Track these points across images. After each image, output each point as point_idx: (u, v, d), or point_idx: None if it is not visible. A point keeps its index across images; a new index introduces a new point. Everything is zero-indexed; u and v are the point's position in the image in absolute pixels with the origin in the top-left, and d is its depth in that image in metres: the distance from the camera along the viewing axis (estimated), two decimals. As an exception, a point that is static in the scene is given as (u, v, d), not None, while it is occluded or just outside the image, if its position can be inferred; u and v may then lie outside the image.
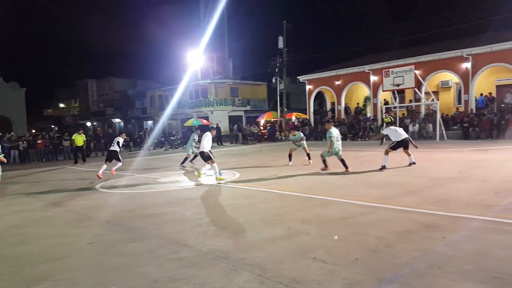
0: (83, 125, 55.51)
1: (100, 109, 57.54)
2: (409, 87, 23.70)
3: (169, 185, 10.12)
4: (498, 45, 21.92)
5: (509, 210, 5.57)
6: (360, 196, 7.16)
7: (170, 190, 9.28)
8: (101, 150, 26.60)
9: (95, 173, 12.63)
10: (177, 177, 11.53)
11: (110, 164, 12.70)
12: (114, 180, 11.75)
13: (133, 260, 4.37)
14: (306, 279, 3.57)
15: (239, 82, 43.01)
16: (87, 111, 59.14)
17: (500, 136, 19.99)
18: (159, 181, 10.92)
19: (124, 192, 9.40)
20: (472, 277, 3.39)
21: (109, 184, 10.95)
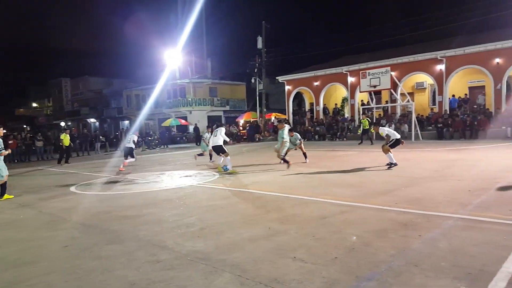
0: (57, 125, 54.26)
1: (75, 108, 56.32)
2: (385, 88, 24.19)
3: (146, 186, 9.97)
4: (471, 48, 22.60)
5: (482, 208, 5.73)
6: (338, 196, 7.23)
7: (148, 191, 9.15)
8: (76, 150, 25.98)
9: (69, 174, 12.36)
10: (155, 178, 11.39)
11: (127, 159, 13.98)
12: (90, 181, 11.51)
13: (109, 263, 4.28)
14: (286, 278, 3.58)
15: (218, 82, 42.86)
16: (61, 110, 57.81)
17: (473, 136, 20.62)
18: (136, 182, 10.76)
19: (100, 194, 9.22)
20: (448, 274, 3.47)
21: (84, 185, 10.72)
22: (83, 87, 55.74)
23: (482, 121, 20.80)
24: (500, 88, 21.83)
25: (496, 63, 21.73)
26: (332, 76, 29.84)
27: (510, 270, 3.44)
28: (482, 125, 20.71)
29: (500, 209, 5.58)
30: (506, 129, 19.57)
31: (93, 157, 23.27)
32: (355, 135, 25.70)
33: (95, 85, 54.76)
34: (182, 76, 41.52)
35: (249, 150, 20.75)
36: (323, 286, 3.40)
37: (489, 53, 21.91)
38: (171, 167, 14.32)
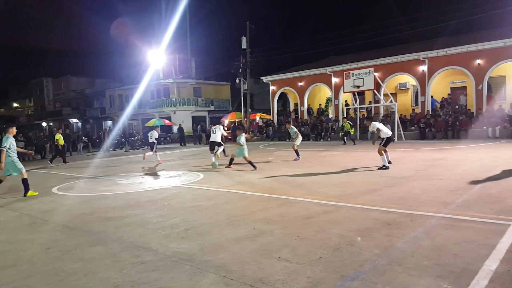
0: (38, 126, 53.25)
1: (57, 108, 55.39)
2: (369, 89, 24.43)
3: (130, 187, 9.85)
4: (452, 49, 23.02)
5: (464, 207, 5.83)
6: (322, 195, 7.27)
7: (131, 192, 9.04)
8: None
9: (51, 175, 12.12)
10: (139, 179, 11.26)
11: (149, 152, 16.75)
12: (72, 182, 11.32)
13: (92, 265, 4.21)
14: (271, 279, 3.57)
15: (202, 82, 42.69)
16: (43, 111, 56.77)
17: (455, 137, 21.01)
18: (120, 183, 10.61)
19: (82, 195, 9.06)
20: (431, 272, 3.51)
21: (66, 186, 10.53)
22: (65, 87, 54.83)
23: (464, 121, 21.21)
24: (481, 89, 22.30)
25: (477, 64, 22.19)
26: (317, 77, 30.02)
27: (491, 268, 3.50)
28: (463, 125, 21.11)
29: (482, 208, 5.68)
30: (487, 130, 19.98)
31: (75, 158, 22.89)
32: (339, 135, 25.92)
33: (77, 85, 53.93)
34: (165, 76, 41.22)
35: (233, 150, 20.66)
36: (308, 286, 3.40)
37: (471, 54, 22.35)
38: (154, 168, 14.19)
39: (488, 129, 19.96)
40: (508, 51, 21.08)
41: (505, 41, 21.03)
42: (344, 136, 22.07)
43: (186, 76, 41.90)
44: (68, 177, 12.63)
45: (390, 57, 25.73)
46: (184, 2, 36.84)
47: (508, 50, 21.06)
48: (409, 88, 27.43)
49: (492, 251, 3.92)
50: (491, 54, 21.71)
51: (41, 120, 56.17)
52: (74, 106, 53.38)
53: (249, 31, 33.11)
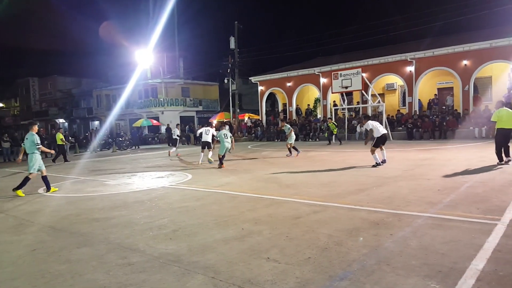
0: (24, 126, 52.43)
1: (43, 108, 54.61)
2: (357, 89, 24.60)
3: (117, 188, 9.74)
4: (439, 50, 23.28)
5: (451, 206, 5.89)
6: (310, 195, 7.28)
7: (118, 193, 8.94)
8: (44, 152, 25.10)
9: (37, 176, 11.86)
10: (126, 180, 11.14)
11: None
12: (59, 183, 11.15)
13: (79, 267, 4.14)
14: (260, 279, 3.56)
15: (190, 82, 42.48)
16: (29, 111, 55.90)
17: (442, 137, 21.26)
18: (107, 184, 10.50)
19: (69, 196, 8.93)
20: (418, 272, 3.53)
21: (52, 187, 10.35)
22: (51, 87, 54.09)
23: (451, 121, 21.47)
24: (467, 90, 22.60)
25: (464, 65, 22.48)
26: (305, 77, 30.11)
27: (478, 268, 3.54)
28: (450, 125, 21.38)
29: (468, 207, 5.74)
30: (473, 130, 20.25)
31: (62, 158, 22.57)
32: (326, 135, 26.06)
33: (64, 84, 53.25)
34: (153, 76, 40.94)
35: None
36: (296, 286, 3.39)
37: (457, 55, 22.63)
38: (142, 168, 14.07)
39: (474, 129, 20.23)
40: (494, 52, 21.40)
41: (491, 42, 21.34)
42: (330, 136, 22.21)
43: (174, 76, 41.66)
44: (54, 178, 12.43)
45: (377, 57, 25.92)
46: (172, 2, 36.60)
47: (494, 51, 21.38)
48: (397, 89, 27.68)
49: (479, 250, 3.96)
50: (478, 55, 22.01)
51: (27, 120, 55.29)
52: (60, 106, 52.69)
53: (237, 31, 33.08)
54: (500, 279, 3.30)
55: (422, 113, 23.96)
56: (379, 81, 26.90)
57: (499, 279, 3.30)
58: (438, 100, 25.02)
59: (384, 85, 27.91)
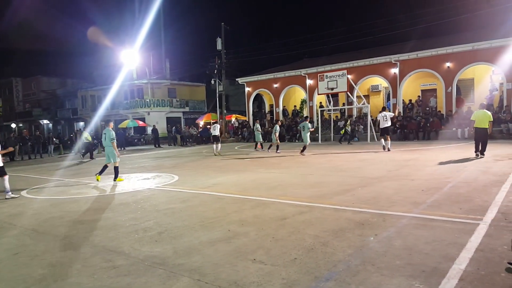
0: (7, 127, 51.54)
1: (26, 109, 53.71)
2: (342, 90, 24.81)
3: (102, 190, 9.63)
4: (423, 52, 23.63)
5: (434, 207, 5.97)
6: (296, 196, 7.31)
7: (103, 195, 8.84)
8: (28, 153, 24.69)
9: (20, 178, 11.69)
10: (111, 181, 11.01)
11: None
12: (42, 185, 10.97)
13: (62, 271, 4.08)
14: (246, 281, 3.55)
15: (176, 82, 42.25)
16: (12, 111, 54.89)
17: (425, 138, 21.57)
18: (91, 186, 10.36)
19: (52, 198, 8.79)
20: (402, 272, 3.57)
21: (36, 189, 10.19)
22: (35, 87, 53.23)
23: (434, 123, 21.80)
24: (450, 91, 22.97)
25: (447, 67, 22.85)
26: (291, 79, 30.23)
27: (461, 267, 3.59)
28: (434, 126, 21.70)
29: (451, 207, 5.83)
30: (456, 131, 20.59)
31: (46, 160, 22.22)
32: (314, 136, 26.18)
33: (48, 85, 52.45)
34: (139, 77, 40.60)
35: (209, 152, 20.58)
36: (282, 287, 3.40)
37: (440, 57, 22.99)
38: (128, 170, 13.93)
39: (457, 130, 20.56)
40: (476, 55, 21.80)
41: (473, 44, 21.74)
42: (346, 135, 22.65)
43: (160, 77, 41.39)
44: (38, 180, 12.24)
45: (363, 59, 26.18)
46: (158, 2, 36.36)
47: (476, 54, 21.78)
48: (381, 90, 27.99)
49: (462, 250, 4.03)
50: (460, 57, 22.40)
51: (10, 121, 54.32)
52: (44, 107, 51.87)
53: (224, 32, 33.03)
54: (482, 278, 3.36)
55: (407, 115, 24.26)
56: (364, 83, 27.16)
57: (481, 278, 3.36)
58: (421, 102, 25.39)
59: (369, 87, 28.20)
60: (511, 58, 20.30)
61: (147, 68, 40.43)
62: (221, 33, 33.00)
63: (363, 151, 16.29)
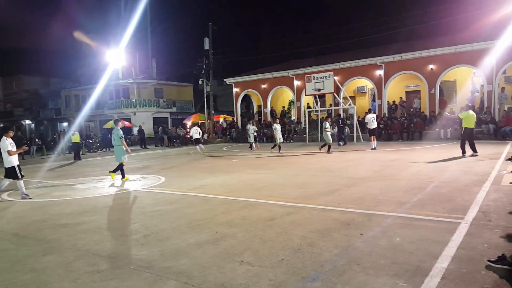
0: (-13, 127, 50.41)
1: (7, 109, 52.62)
2: (329, 92, 24.99)
3: (86, 192, 9.51)
4: (407, 54, 23.97)
5: (418, 206, 6.07)
6: (283, 197, 7.34)
7: (88, 197, 8.72)
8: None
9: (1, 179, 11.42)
10: (96, 183, 10.89)
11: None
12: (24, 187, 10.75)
13: (45, 276, 4.01)
14: (233, 283, 3.56)
15: (163, 82, 41.95)
16: (-8, 111, 53.70)
17: (409, 138, 21.88)
18: (75, 188, 10.23)
19: (34, 201, 8.64)
20: (387, 271, 3.63)
21: (17, 192, 10.00)
22: (16, 87, 52.22)
23: (418, 123, 22.12)
24: (433, 93, 23.34)
25: (430, 69, 23.21)
26: (279, 79, 30.31)
27: (444, 266, 3.66)
28: (418, 127, 22.02)
29: (435, 207, 5.94)
30: (439, 131, 20.93)
31: (28, 162, 21.82)
32: (301, 137, 26.31)
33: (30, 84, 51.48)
34: (125, 76, 40.20)
35: (196, 153, 20.51)
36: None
37: (424, 59, 23.34)
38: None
39: (440, 131, 20.91)
40: (458, 57, 22.20)
41: (456, 47, 22.14)
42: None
43: (146, 77, 41.04)
44: (20, 182, 12.00)
45: (349, 61, 26.41)
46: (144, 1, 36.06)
47: (458, 56, 22.18)
48: (367, 92, 28.27)
49: (444, 248, 4.11)
50: (443, 59, 22.78)
51: (-10, 121, 53.15)
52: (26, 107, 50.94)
53: (211, 32, 32.95)
54: (463, 276, 3.43)
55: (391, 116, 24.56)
56: (350, 84, 27.40)
57: (462, 276, 3.43)
58: (405, 103, 25.75)
59: (355, 88, 28.45)
60: (492, 60, 20.74)
61: (133, 68, 40.08)
62: (209, 33, 32.91)
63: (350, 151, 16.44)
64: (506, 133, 18.42)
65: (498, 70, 21.01)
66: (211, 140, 31.37)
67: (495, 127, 19.43)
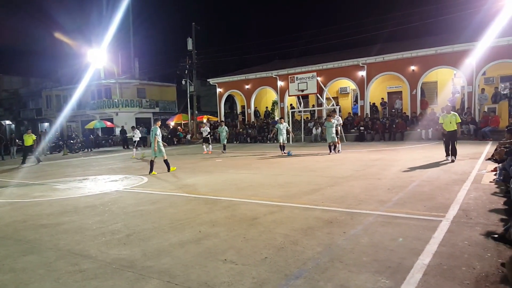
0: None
1: (-14, 109, 51.28)
2: (312, 92, 25.16)
3: (67, 192, 9.34)
4: (389, 56, 24.29)
5: (399, 205, 6.16)
6: (266, 196, 7.35)
7: (68, 197, 8.57)
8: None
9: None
10: (77, 184, 10.72)
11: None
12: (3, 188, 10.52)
13: (25, 276, 3.93)
14: (216, 281, 3.55)
15: (146, 82, 41.52)
16: (-30, 111, 52.27)
17: (391, 138, 22.19)
18: (56, 188, 10.03)
19: (13, 201, 8.44)
20: (369, 268, 3.67)
21: (-5, 193, 9.77)
22: (-5, 86, 50.98)
23: (400, 124, 22.45)
24: (415, 93, 23.72)
25: (412, 70, 23.58)
26: (263, 80, 30.36)
27: (425, 262, 3.72)
28: (399, 128, 22.35)
29: (416, 205, 6.04)
30: (421, 132, 21.29)
31: (8, 162, 21.35)
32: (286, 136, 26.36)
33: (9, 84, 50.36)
34: (107, 76, 39.65)
35: (179, 153, 20.36)
36: (252, 286, 3.41)
37: (406, 60, 23.70)
38: (95, 172, 13.58)
39: (422, 131, 21.26)
40: (439, 58, 22.62)
41: (436, 49, 22.55)
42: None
43: (129, 77, 40.55)
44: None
45: (332, 62, 26.60)
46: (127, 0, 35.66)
47: (439, 58, 22.60)
48: (350, 93, 28.54)
49: (426, 246, 4.18)
50: (424, 61, 23.17)
51: (-33, 122, 51.77)
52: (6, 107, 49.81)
53: (194, 33, 32.80)
54: (444, 272, 3.49)
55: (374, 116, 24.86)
56: (333, 85, 27.61)
57: (443, 272, 3.49)
58: (387, 103, 26.11)
59: (338, 89, 28.68)
60: (472, 62, 21.20)
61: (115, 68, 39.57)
62: (192, 33, 32.75)
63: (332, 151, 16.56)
64: (486, 134, 18.86)
65: (478, 71, 21.48)
66: (194, 141, 31.20)
67: (475, 127, 19.86)
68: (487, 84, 22.48)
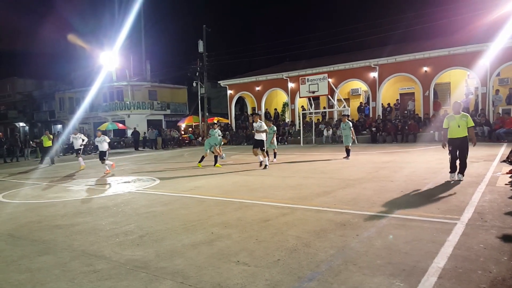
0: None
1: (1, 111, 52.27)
2: (323, 94, 25.07)
3: (80, 193, 9.45)
4: (401, 57, 24.11)
5: (413, 207, 6.10)
6: (277, 198, 7.34)
7: (82, 199, 8.67)
8: (3, 156, 24.03)
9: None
10: (90, 185, 10.82)
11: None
12: (19, 189, 10.69)
13: (41, 276, 3.98)
14: (229, 283, 3.55)
15: (157, 85, 41.82)
16: (-15, 114, 53.30)
17: (404, 140, 22.00)
18: (70, 190, 10.16)
19: (29, 202, 8.57)
20: (383, 271, 3.63)
21: (12, 193, 9.93)
22: (10, 89, 51.93)
23: (412, 125, 22.25)
24: (428, 95, 23.50)
25: (424, 71, 23.38)
26: (273, 82, 30.37)
27: (440, 265, 3.68)
28: (412, 129, 22.15)
29: (429, 208, 5.97)
30: (433, 133, 21.07)
31: (22, 164, 21.68)
32: (296, 139, 26.36)
33: (24, 87, 51.23)
34: (119, 79, 40.04)
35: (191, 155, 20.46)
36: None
37: (418, 61, 23.50)
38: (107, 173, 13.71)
39: (434, 133, 21.03)
40: (452, 59, 22.39)
41: (450, 49, 22.33)
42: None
43: (140, 79, 40.90)
44: (14, 184, 11.93)
45: (343, 63, 26.51)
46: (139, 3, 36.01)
47: (452, 58, 22.36)
48: (361, 94, 28.39)
49: (440, 248, 4.12)
50: (437, 62, 22.95)
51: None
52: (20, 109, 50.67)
53: (205, 35, 32.95)
54: (459, 275, 3.45)
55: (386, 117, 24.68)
56: (344, 86, 27.51)
57: (459, 275, 3.45)
58: (399, 105, 25.89)
59: (349, 90, 28.56)
60: (486, 63, 20.92)
61: (127, 70, 39.94)
62: (203, 35, 32.91)
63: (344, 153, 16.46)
64: (500, 135, 18.59)
65: (492, 72, 21.20)
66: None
67: (489, 129, 19.59)
68: (502, 85, 22.18)
